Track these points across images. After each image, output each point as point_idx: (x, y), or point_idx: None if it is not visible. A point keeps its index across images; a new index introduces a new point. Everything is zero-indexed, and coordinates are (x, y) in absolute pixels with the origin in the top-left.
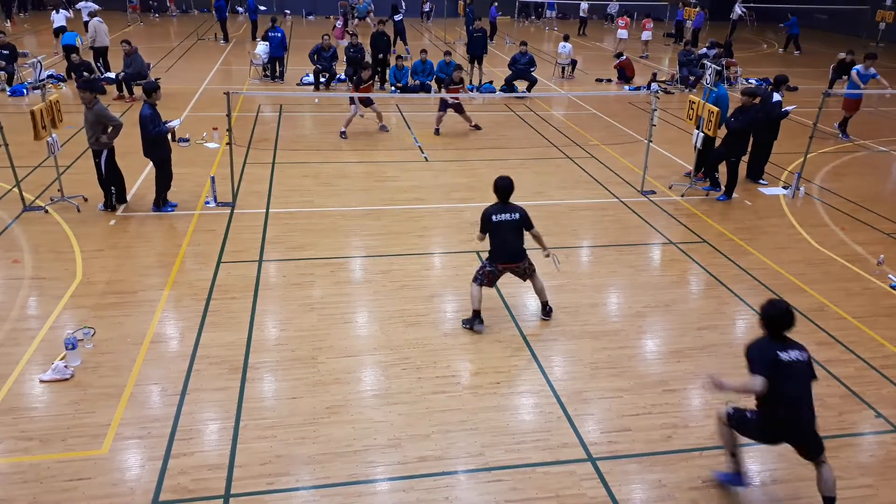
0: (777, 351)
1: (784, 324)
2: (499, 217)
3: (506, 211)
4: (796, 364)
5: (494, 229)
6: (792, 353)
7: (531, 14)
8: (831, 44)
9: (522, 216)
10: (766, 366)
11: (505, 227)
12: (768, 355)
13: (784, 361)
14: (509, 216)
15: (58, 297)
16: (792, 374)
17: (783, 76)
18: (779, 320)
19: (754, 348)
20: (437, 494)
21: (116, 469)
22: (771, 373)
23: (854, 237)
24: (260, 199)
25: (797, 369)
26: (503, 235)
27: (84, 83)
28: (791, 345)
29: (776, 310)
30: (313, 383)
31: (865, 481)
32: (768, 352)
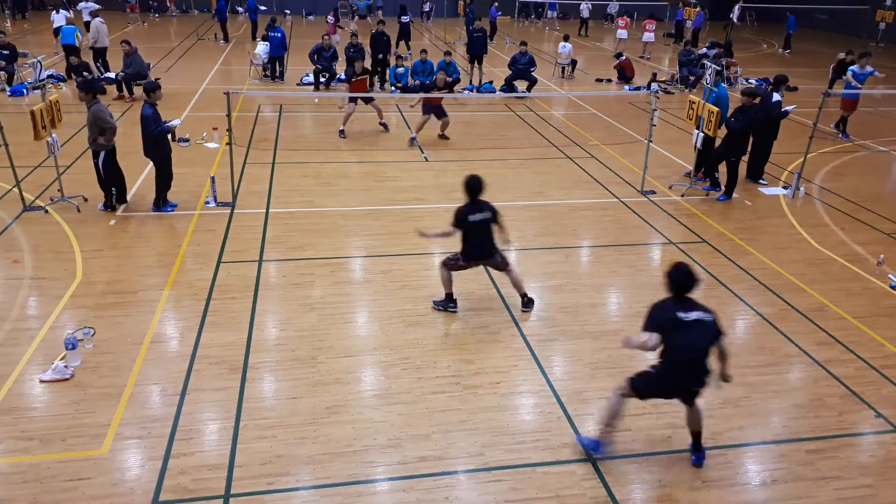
0: (677, 312)
1: (686, 286)
2: (474, 217)
3: (479, 210)
4: (696, 324)
5: (470, 230)
6: (692, 314)
7: (531, 14)
8: (831, 44)
9: (494, 213)
10: (660, 324)
11: (480, 228)
12: (667, 315)
13: (683, 321)
14: (482, 216)
15: (58, 297)
16: (690, 333)
17: (783, 76)
18: (682, 283)
19: (655, 308)
20: (437, 494)
21: (116, 469)
22: (667, 331)
23: (854, 237)
24: (260, 199)
25: (696, 328)
26: (478, 235)
27: (83, 84)
28: (693, 306)
29: (680, 273)
30: (313, 383)
31: (865, 481)
32: (667, 312)
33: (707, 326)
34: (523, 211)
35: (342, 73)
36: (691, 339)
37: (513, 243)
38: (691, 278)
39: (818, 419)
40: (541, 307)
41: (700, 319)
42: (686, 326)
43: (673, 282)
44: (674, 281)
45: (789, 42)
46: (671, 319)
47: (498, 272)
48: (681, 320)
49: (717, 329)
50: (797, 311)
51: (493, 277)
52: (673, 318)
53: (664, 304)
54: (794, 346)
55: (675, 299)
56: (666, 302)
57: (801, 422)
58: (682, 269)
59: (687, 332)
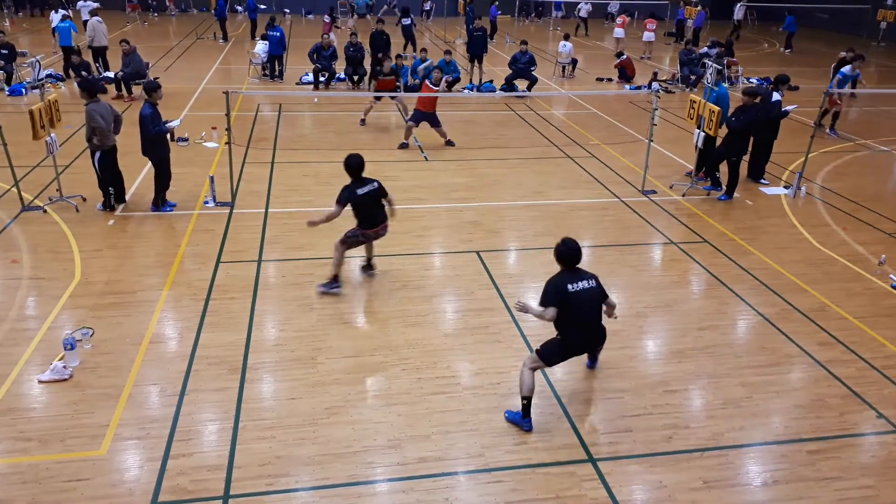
0: (567, 283)
1: (573, 259)
2: (362, 190)
3: (365, 184)
4: (584, 292)
5: (362, 202)
6: (580, 284)
7: (531, 13)
8: (832, 43)
9: (379, 185)
10: (556, 297)
11: (370, 198)
12: (559, 288)
13: (572, 291)
14: (370, 187)
15: (56, 297)
16: (581, 300)
17: (784, 76)
18: (568, 256)
19: (550, 283)
20: (437, 495)
21: (115, 470)
22: (561, 302)
23: (855, 237)
24: (259, 199)
25: (585, 296)
26: (370, 206)
27: (81, 83)
28: (581, 276)
29: (567, 248)
30: (313, 384)
31: (867, 482)
32: (560, 285)
33: (592, 291)
34: (523, 211)
35: (342, 72)
36: (584, 308)
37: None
38: (577, 251)
39: (819, 420)
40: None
41: (586, 288)
42: (577, 296)
43: (561, 256)
44: (561, 255)
45: (790, 41)
46: (564, 292)
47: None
48: (571, 292)
49: (602, 291)
50: (798, 312)
51: (493, 277)
52: (565, 290)
53: (556, 280)
54: (796, 347)
55: (565, 272)
56: (557, 276)
57: (803, 422)
58: (568, 244)
59: (578, 301)
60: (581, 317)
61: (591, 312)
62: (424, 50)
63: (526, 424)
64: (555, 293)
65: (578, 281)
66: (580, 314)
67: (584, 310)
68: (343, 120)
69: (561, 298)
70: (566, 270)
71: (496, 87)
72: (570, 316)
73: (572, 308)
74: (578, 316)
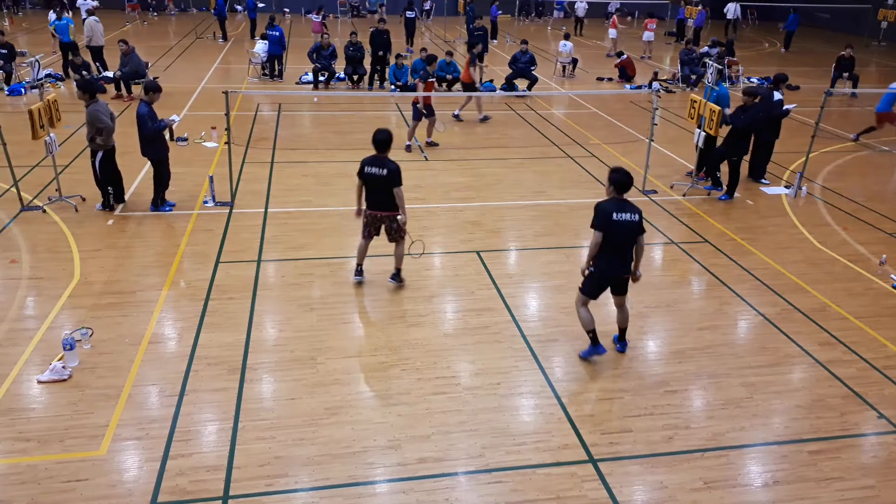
0: (613, 211)
1: (624, 187)
2: (370, 170)
3: (376, 164)
4: (626, 223)
5: (365, 180)
6: (624, 215)
7: (531, 12)
8: (833, 43)
9: (389, 173)
10: (600, 222)
11: (372, 181)
12: (606, 213)
13: (615, 220)
14: (377, 170)
15: (55, 297)
16: (621, 231)
17: (782, 75)
18: (620, 183)
19: (599, 207)
20: (437, 496)
21: (115, 470)
22: (604, 226)
23: (856, 237)
24: (259, 199)
25: (626, 226)
26: (372, 189)
27: (81, 83)
28: (626, 207)
29: (619, 175)
30: (312, 384)
31: (867, 482)
32: (607, 211)
33: (633, 225)
34: (524, 210)
35: (341, 71)
36: (622, 235)
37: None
38: (629, 180)
39: (820, 420)
40: (541, 307)
41: (628, 220)
42: (618, 224)
43: (613, 183)
44: (614, 182)
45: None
46: (609, 218)
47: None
48: (615, 220)
49: (640, 227)
50: (799, 312)
51: (493, 277)
52: (609, 216)
53: (605, 205)
54: (796, 347)
55: (614, 200)
56: (607, 202)
57: (803, 422)
58: (620, 172)
59: (619, 229)
60: (614, 243)
61: (626, 242)
62: (424, 49)
63: (601, 349)
64: (601, 217)
65: (623, 212)
66: (616, 243)
67: (621, 238)
68: (343, 120)
69: (604, 223)
70: (615, 198)
71: (496, 86)
72: (606, 243)
73: (611, 236)
74: (612, 245)
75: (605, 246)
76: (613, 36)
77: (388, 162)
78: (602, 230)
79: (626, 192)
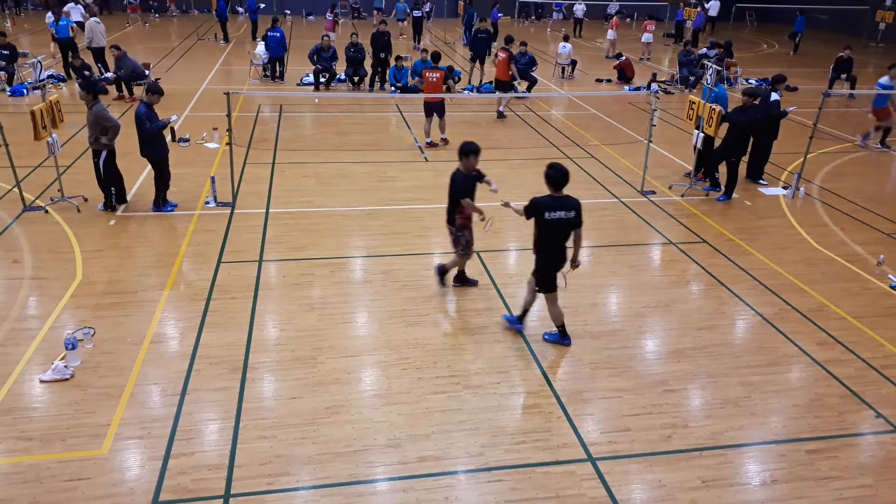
0: (546, 210)
1: (557, 183)
2: (552, 214)
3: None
4: (559, 221)
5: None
6: (557, 214)
7: (531, 14)
8: (832, 44)
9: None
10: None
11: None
12: (539, 210)
13: (549, 219)
14: (563, 214)
15: (58, 297)
16: (555, 228)
17: (781, 76)
18: (554, 180)
19: (535, 201)
20: (437, 494)
21: (116, 469)
22: (538, 223)
23: (854, 237)
24: (260, 199)
25: (559, 224)
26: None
27: (83, 84)
28: (562, 205)
29: (554, 171)
30: (313, 383)
31: (865, 481)
32: (541, 207)
33: (568, 222)
34: None
35: (342, 73)
36: (556, 232)
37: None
38: (563, 174)
39: (818, 419)
40: (541, 307)
41: (563, 218)
42: (552, 223)
43: (548, 179)
44: (548, 178)
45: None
46: (541, 216)
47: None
48: (548, 219)
49: (577, 222)
50: (797, 312)
51: (493, 277)
52: (542, 215)
53: (540, 201)
54: (794, 347)
55: (549, 197)
56: (543, 199)
57: (801, 422)
58: (555, 167)
59: (553, 226)
60: (550, 240)
61: (562, 239)
62: (425, 51)
63: (567, 340)
64: (533, 210)
65: (558, 210)
66: (550, 238)
67: (556, 235)
68: (343, 121)
69: (536, 217)
70: (551, 195)
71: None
72: (543, 239)
73: (547, 233)
74: (549, 240)
75: (544, 243)
76: (612, 37)
77: (478, 175)
78: (533, 217)
79: (562, 187)
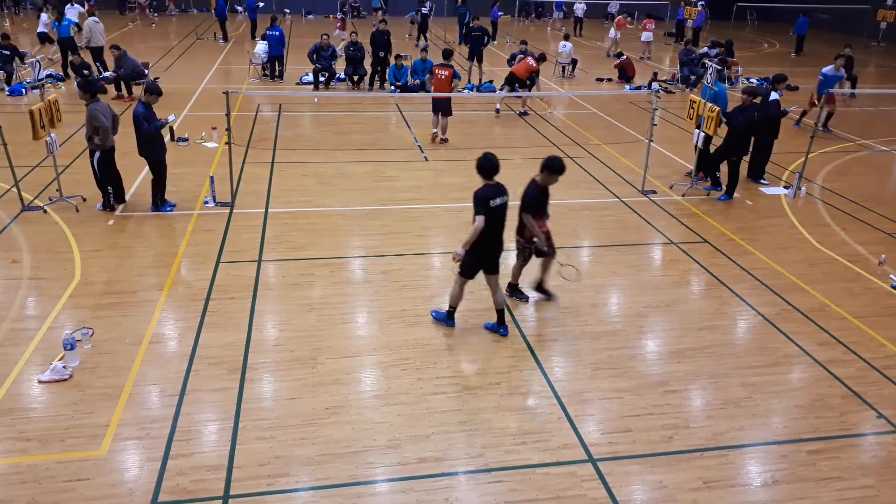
0: (490, 198)
1: (489, 172)
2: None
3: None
4: (500, 207)
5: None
6: (497, 200)
7: (532, 13)
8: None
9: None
10: (484, 209)
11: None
12: (485, 200)
13: (493, 207)
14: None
15: (56, 297)
16: (498, 214)
17: (781, 75)
18: (486, 169)
19: (478, 194)
20: (437, 496)
21: (115, 470)
22: (486, 213)
23: (855, 237)
24: (259, 199)
25: (500, 210)
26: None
27: (82, 83)
28: (499, 192)
29: (484, 160)
30: (313, 384)
31: (867, 482)
32: (486, 198)
33: (505, 208)
34: None
35: (342, 72)
36: (498, 217)
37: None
38: (493, 163)
39: (819, 420)
40: (541, 307)
41: (502, 203)
42: (495, 210)
43: (480, 168)
44: (480, 167)
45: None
46: (487, 205)
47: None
48: (492, 207)
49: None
50: (798, 312)
51: None
52: (488, 203)
53: (483, 192)
54: (796, 347)
55: (488, 186)
56: (484, 189)
57: (803, 422)
58: (486, 156)
59: (496, 213)
60: (492, 226)
61: (501, 224)
62: (425, 50)
63: (451, 322)
64: (482, 204)
65: (497, 196)
66: (493, 224)
67: (497, 220)
68: (343, 120)
69: (485, 209)
70: (488, 184)
71: (496, 86)
72: (485, 226)
73: (491, 219)
74: (491, 226)
75: (486, 230)
76: (613, 36)
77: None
78: (485, 215)
79: (494, 175)
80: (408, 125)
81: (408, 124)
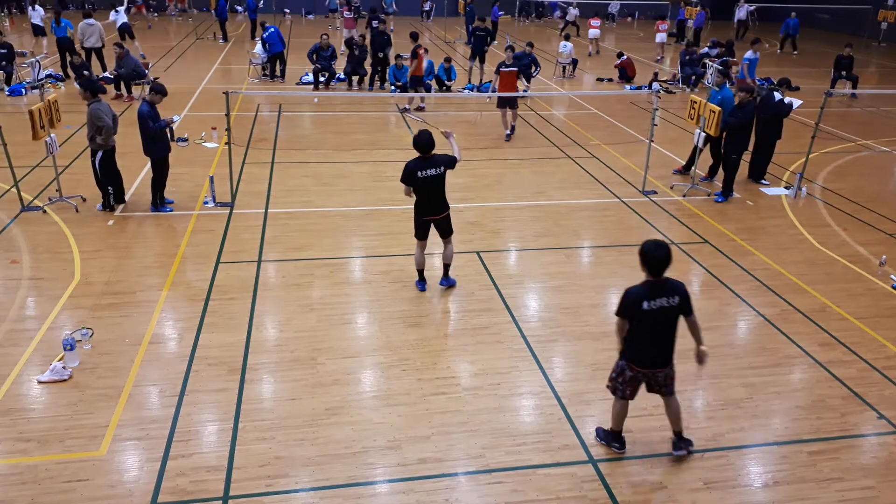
0: (418, 169)
1: (423, 147)
2: (424, 173)
3: (429, 166)
4: (430, 177)
5: (420, 185)
6: (429, 171)
7: (532, 13)
8: (833, 43)
9: (447, 165)
10: (409, 179)
11: (428, 182)
12: (412, 171)
13: (421, 177)
14: (434, 171)
15: (56, 297)
16: (427, 184)
17: (785, 79)
18: (419, 144)
19: (407, 166)
20: (437, 496)
21: (115, 470)
22: (412, 183)
23: (856, 238)
24: (259, 200)
25: (430, 180)
26: (428, 190)
27: (82, 82)
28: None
29: (418, 136)
30: (312, 384)
31: (867, 483)
32: (413, 169)
33: (437, 178)
34: (524, 211)
35: (342, 72)
36: (430, 188)
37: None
38: (425, 138)
39: (820, 420)
40: (541, 307)
41: (434, 174)
42: (424, 181)
43: (415, 144)
44: (415, 143)
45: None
46: (414, 176)
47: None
48: (420, 177)
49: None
50: (799, 312)
51: (493, 277)
52: (415, 175)
53: (410, 165)
54: (796, 347)
55: (418, 159)
56: (413, 162)
57: (803, 423)
58: (420, 133)
59: (424, 183)
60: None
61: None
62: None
63: (422, 286)
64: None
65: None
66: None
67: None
68: (343, 120)
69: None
70: (420, 157)
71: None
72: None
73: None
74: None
75: (419, 197)
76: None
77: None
78: (409, 184)
79: (429, 150)
80: (407, 125)
81: (407, 124)
